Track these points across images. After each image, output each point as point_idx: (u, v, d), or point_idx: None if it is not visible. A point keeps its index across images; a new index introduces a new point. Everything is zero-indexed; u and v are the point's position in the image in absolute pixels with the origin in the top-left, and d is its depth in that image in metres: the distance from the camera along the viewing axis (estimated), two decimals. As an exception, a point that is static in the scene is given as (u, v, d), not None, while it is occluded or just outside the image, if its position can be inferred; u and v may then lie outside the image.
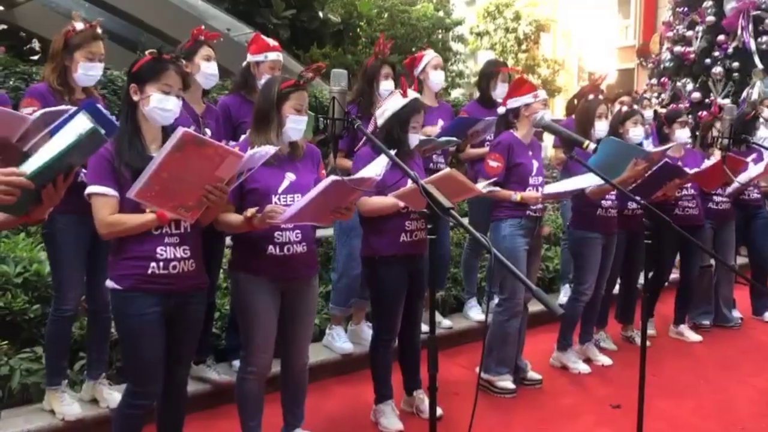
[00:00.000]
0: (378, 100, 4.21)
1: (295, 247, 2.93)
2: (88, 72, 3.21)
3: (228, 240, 3.96)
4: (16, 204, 1.84)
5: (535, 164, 4.02)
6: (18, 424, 3.17)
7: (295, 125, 2.93)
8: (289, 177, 2.93)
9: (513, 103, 3.99)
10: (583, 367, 4.56)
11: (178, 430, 2.84)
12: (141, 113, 2.56)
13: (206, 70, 3.63)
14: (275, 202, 2.84)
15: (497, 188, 3.85)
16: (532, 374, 4.30)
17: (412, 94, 3.43)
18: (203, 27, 3.81)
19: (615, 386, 4.28)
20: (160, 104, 2.53)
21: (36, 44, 13.67)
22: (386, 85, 4.25)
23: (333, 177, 2.58)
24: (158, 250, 2.53)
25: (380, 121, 3.42)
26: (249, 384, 3.04)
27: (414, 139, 3.43)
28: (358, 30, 15.46)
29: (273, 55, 3.88)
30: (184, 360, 2.81)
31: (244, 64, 3.97)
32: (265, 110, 2.94)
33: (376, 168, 2.76)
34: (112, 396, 3.37)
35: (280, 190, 2.89)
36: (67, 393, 3.36)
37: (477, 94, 5.36)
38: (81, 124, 1.89)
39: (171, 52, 2.76)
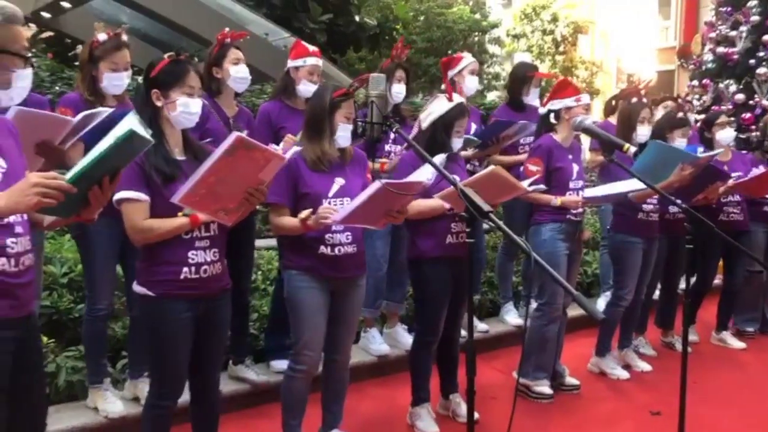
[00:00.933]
0: (390, 102, 4.21)
1: (345, 248, 2.99)
2: (113, 82, 3.27)
3: (267, 242, 4.03)
4: (62, 207, 1.88)
5: (575, 168, 3.98)
6: (64, 420, 3.26)
7: (345, 133, 3.00)
8: (339, 182, 3.00)
9: (554, 104, 3.96)
10: (622, 373, 4.50)
11: (214, 430, 2.86)
12: (164, 118, 2.56)
13: (236, 75, 3.65)
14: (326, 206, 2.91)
15: (541, 186, 3.82)
16: (570, 379, 4.26)
17: (457, 98, 3.44)
18: (227, 30, 3.78)
19: (655, 393, 4.21)
20: (186, 108, 2.54)
21: (80, 50, 14.03)
22: (398, 88, 4.24)
23: (383, 180, 2.61)
24: (190, 254, 2.53)
25: (424, 125, 3.45)
26: (296, 382, 3.08)
27: (457, 142, 3.46)
28: (394, 33, 15.48)
29: (311, 60, 3.90)
30: (216, 361, 2.82)
31: (285, 69, 4.01)
32: (318, 118, 3.00)
33: (426, 173, 2.78)
34: (154, 395, 3.44)
35: (330, 194, 2.96)
36: (110, 391, 3.43)
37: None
38: (123, 126, 1.91)
39: (188, 52, 2.78)
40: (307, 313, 3.00)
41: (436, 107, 3.43)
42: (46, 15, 12.43)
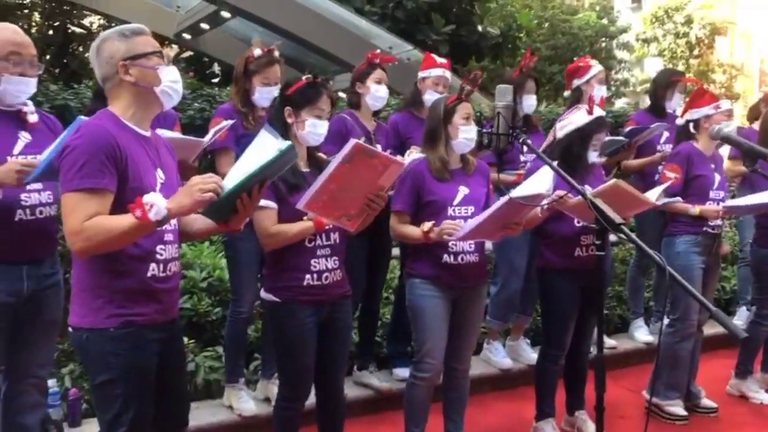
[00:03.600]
0: (520, 113, 4.16)
1: (468, 256, 3.02)
2: (264, 95, 3.46)
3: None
4: (216, 211, 2.06)
5: (717, 178, 3.79)
6: (203, 417, 3.47)
7: (467, 134, 3.02)
8: (463, 190, 3.04)
9: (692, 114, 3.79)
10: (766, 397, 4.20)
11: None
12: (293, 134, 2.71)
13: (376, 93, 3.78)
14: (450, 214, 2.98)
15: (677, 198, 3.66)
16: (707, 401, 4.02)
17: (597, 111, 3.37)
18: (379, 50, 3.98)
19: (804, 421, 3.90)
20: (314, 129, 2.69)
21: (216, 68, 14.90)
22: (529, 99, 4.20)
23: (508, 196, 2.63)
24: (312, 262, 2.66)
25: (560, 134, 3.41)
26: (418, 390, 3.12)
27: (593, 156, 3.39)
28: (517, 42, 15.27)
29: (436, 71, 3.97)
30: (340, 366, 2.91)
31: (415, 81, 4.09)
32: (434, 127, 3.08)
33: (544, 182, 2.75)
34: (284, 396, 3.59)
35: (455, 203, 3.01)
36: (244, 390, 3.61)
37: (644, 103, 5.13)
38: (272, 142, 2.05)
39: (324, 75, 2.90)
40: (429, 322, 3.04)
41: (575, 118, 3.37)
42: (186, 36, 13.31)
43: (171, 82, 2.17)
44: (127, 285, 2.09)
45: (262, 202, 2.57)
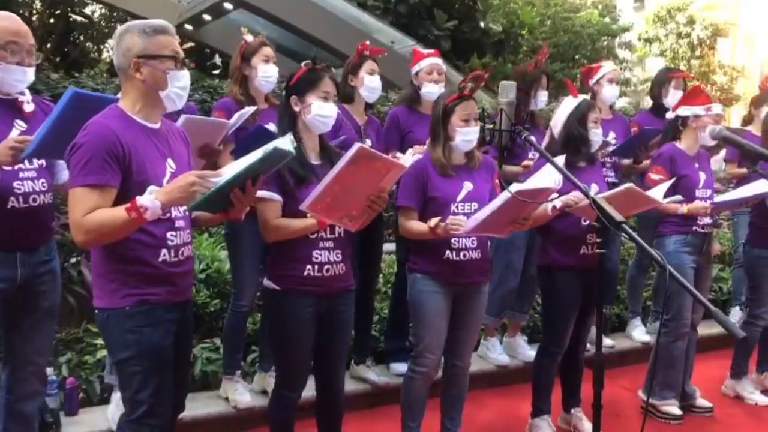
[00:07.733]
0: (534, 107, 4.20)
1: (470, 253, 3.01)
2: (266, 74, 3.51)
3: (388, 246, 4.13)
4: (209, 204, 2.11)
5: (703, 176, 3.80)
6: (198, 407, 3.47)
7: (465, 137, 3.01)
8: (467, 186, 3.03)
9: (683, 111, 3.81)
10: (761, 399, 4.21)
11: (337, 426, 2.94)
12: (302, 123, 2.71)
13: (370, 84, 3.78)
14: (454, 210, 2.96)
15: (678, 196, 3.67)
16: (702, 401, 4.03)
17: (582, 96, 3.41)
18: (368, 42, 3.97)
19: (799, 422, 3.91)
20: (320, 111, 2.67)
21: (217, 59, 14.88)
22: (543, 95, 4.21)
23: (512, 190, 2.59)
24: (314, 253, 2.65)
25: (557, 129, 3.42)
26: (416, 383, 3.12)
27: (596, 134, 3.39)
28: (519, 39, 15.26)
29: (426, 61, 3.96)
30: (339, 359, 2.90)
31: (410, 78, 4.09)
32: (434, 126, 3.08)
33: (553, 176, 2.75)
34: (281, 388, 3.60)
35: (458, 199, 3.00)
36: (241, 383, 3.62)
37: (644, 103, 5.15)
38: (270, 144, 2.12)
39: (327, 62, 2.92)
40: (429, 317, 3.04)
41: (564, 108, 3.41)
42: (188, 27, 13.28)
43: (178, 88, 2.22)
44: (139, 270, 2.17)
45: (267, 194, 2.59)
